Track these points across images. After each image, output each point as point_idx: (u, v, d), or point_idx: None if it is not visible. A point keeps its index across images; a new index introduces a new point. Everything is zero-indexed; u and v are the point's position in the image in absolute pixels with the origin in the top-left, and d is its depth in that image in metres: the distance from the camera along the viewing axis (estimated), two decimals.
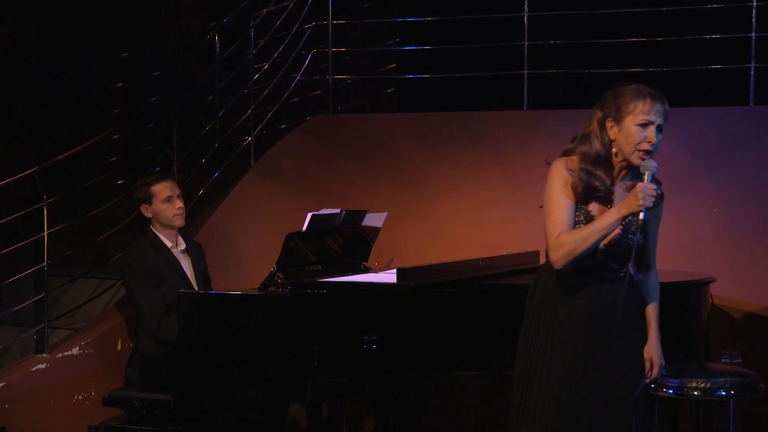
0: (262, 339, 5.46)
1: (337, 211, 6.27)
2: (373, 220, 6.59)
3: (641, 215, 4.32)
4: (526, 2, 7.88)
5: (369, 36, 9.29)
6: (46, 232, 6.70)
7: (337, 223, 6.27)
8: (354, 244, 6.53)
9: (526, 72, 7.84)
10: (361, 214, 6.51)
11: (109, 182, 7.77)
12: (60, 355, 6.61)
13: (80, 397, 6.60)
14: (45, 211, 6.68)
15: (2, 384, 6.39)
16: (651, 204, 4.31)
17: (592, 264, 4.48)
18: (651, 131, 4.44)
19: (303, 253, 6.10)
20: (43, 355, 6.60)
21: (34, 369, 6.53)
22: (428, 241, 7.39)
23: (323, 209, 6.24)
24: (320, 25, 8.35)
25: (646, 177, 4.37)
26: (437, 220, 7.49)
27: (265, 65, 8.26)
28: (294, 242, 5.93)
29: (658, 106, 4.49)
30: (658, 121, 4.47)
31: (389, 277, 5.70)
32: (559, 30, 8.15)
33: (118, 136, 8.15)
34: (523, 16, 7.88)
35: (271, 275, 5.79)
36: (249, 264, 7.01)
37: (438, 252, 7.17)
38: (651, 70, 7.83)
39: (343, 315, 5.45)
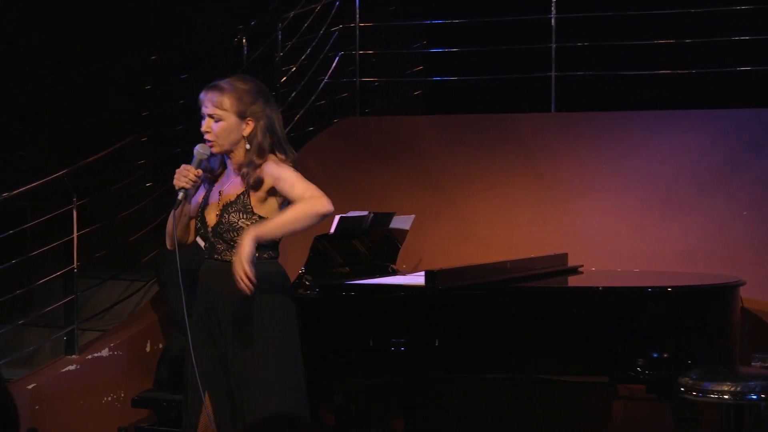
0: None
1: (365, 213, 6.27)
2: (401, 222, 6.59)
3: (179, 195, 4.50)
4: (553, 4, 7.86)
5: (396, 38, 9.29)
6: (75, 235, 6.74)
7: (365, 225, 6.27)
8: (382, 246, 6.53)
9: (553, 74, 7.82)
10: (389, 216, 6.52)
11: (138, 184, 7.80)
12: (90, 356, 6.65)
13: (110, 398, 6.63)
14: (75, 213, 6.72)
15: (33, 385, 6.43)
16: (183, 184, 4.51)
17: (209, 246, 4.65)
18: (204, 122, 4.60)
19: (331, 256, 6.10)
20: (73, 356, 6.64)
21: (64, 370, 6.57)
22: (456, 244, 7.39)
23: (351, 212, 6.25)
24: (347, 27, 8.35)
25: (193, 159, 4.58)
26: (465, 222, 7.49)
27: (292, 68, 8.27)
28: (322, 244, 5.94)
29: (201, 96, 4.63)
30: (204, 110, 4.60)
31: (417, 279, 5.70)
32: (586, 32, 8.13)
33: (146, 138, 8.18)
34: (551, 17, 7.87)
35: (300, 277, 5.80)
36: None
37: (466, 254, 7.17)
38: (679, 71, 7.80)
39: (372, 317, 5.45)
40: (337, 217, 6.04)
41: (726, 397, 5.11)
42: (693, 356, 5.38)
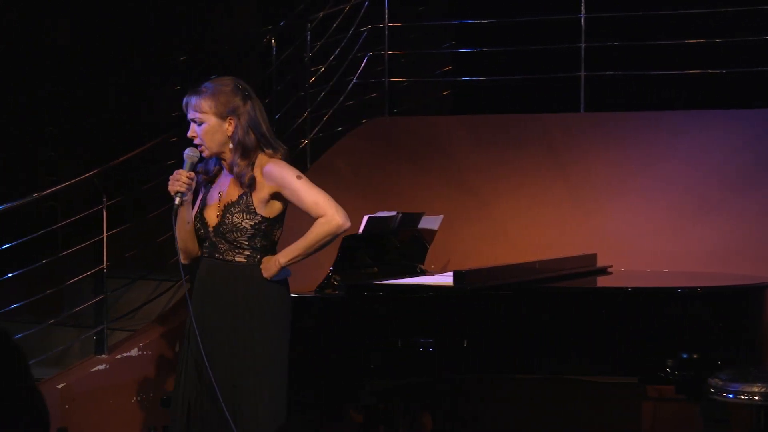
0: (318, 341, 5.47)
1: (394, 213, 6.27)
2: (430, 222, 6.58)
3: (176, 200, 4.59)
4: (582, 4, 7.84)
5: (425, 38, 9.28)
6: (105, 234, 6.76)
7: (393, 225, 6.27)
8: (410, 246, 6.52)
9: (583, 74, 7.80)
10: (418, 216, 6.51)
11: (167, 185, 7.81)
12: (119, 356, 6.67)
13: (139, 398, 6.65)
14: (104, 213, 6.74)
15: (63, 384, 6.45)
16: (178, 188, 4.60)
17: (210, 245, 4.72)
18: (190, 128, 4.70)
19: (359, 256, 6.10)
20: (103, 356, 6.67)
21: (93, 370, 6.60)
22: (485, 244, 7.38)
23: (380, 212, 6.25)
24: (376, 28, 8.35)
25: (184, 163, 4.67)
26: (494, 222, 7.47)
27: (321, 68, 8.28)
28: (350, 245, 5.94)
29: (183, 102, 4.73)
30: (188, 116, 4.70)
31: (446, 279, 5.70)
32: (616, 31, 8.10)
33: (176, 138, 8.20)
34: (580, 17, 7.84)
35: (328, 277, 5.80)
36: (306, 266, 7.01)
37: (495, 254, 7.15)
38: (709, 71, 7.76)
39: (400, 317, 5.45)
40: (365, 218, 6.04)
41: (756, 398, 5.08)
42: (723, 357, 5.35)
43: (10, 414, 2.64)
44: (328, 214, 4.58)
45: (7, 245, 6.77)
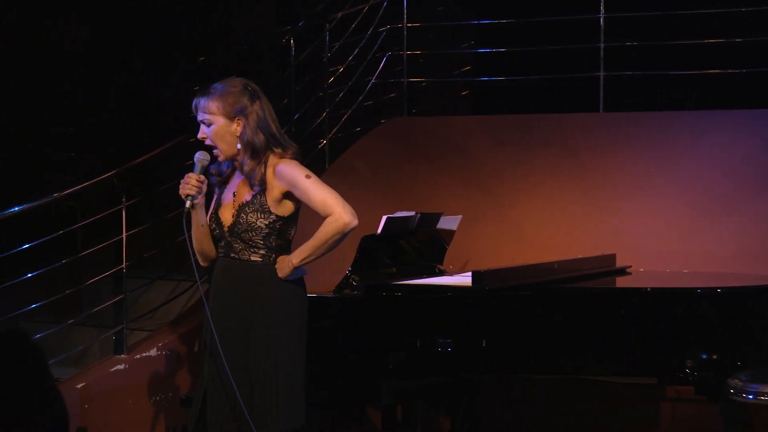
0: (337, 341, 5.48)
1: (412, 213, 6.27)
2: (448, 222, 6.58)
3: (186, 203, 4.63)
4: (602, 3, 7.82)
5: (443, 38, 9.28)
6: (124, 235, 6.78)
7: (412, 225, 6.27)
8: (429, 246, 6.52)
9: (602, 74, 7.79)
10: (436, 216, 6.51)
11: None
12: (138, 356, 6.69)
13: (158, 398, 6.67)
14: (124, 213, 6.76)
15: (82, 384, 6.47)
16: (188, 191, 4.63)
17: (225, 245, 4.75)
18: (200, 129, 4.73)
19: (378, 256, 6.10)
20: (122, 356, 6.68)
21: (113, 370, 6.62)
22: (503, 244, 7.37)
23: (398, 212, 6.24)
24: (395, 28, 8.35)
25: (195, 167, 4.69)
26: (512, 222, 7.47)
27: (339, 68, 8.28)
28: (369, 245, 5.94)
29: (192, 105, 4.74)
30: (197, 118, 4.73)
31: (464, 279, 5.69)
32: (635, 31, 8.08)
33: (194, 139, 8.21)
34: (600, 17, 7.83)
35: (347, 278, 5.80)
36: (324, 266, 7.01)
37: (513, 255, 7.15)
38: (729, 71, 7.74)
39: (418, 317, 5.45)
40: (384, 218, 6.04)
41: None
42: (743, 357, 5.33)
43: (31, 413, 2.65)
44: (336, 213, 4.59)
45: (26, 245, 6.79)
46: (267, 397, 4.61)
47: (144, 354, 6.70)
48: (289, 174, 4.64)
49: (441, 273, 6.45)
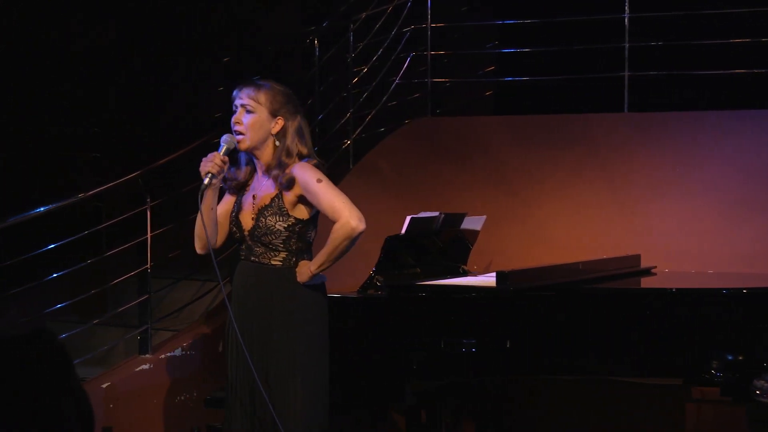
0: (361, 342, 5.48)
1: (436, 214, 6.26)
2: (472, 223, 6.57)
3: (204, 180, 4.63)
4: (626, 3, 7.80)
5: (467, 39, 9.27)
6: (149, 235, 6.80)
7: (436, 226, 6.26)
8: (453, 247, 6.51)
9: (626, 74, 7.76)
10: (460, 217, 6.50)
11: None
12: (163, 356, 6.70)
13: (183, 398, 6.68)
14: (149, 213, 6.78)
15: (107, 384, 6.49)
16: (210, 169, 4.63)
17: (246, 248, 4.79)
18: (236, 113, 4.74)
19: (402, 256, 6.10)
20: (147, 355, 6.70)
21: (137, 369, 6.63)
22: (527, 245, 7.36)
23: (422, 212, 6.24)
24: (419, 28, 8.34)
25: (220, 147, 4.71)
26: (537, 223, 7.45)
27: (363, 69, 8.28)
28: (393, 245, 5.94)
29: (235, 91, 4.79)
30: (238, 102, 4.75)
31: (488, 280, 5.68)
32: (660, 31, 8.05)
33: (217, 140, 8.22)
34: (624, 17, 7.81)
35: (370, 278, 5.80)
36: (348, 267, 7.03)
37: (537, 255, 7.13)
38: (755, 71, 7.70)
39: (442, 318, 5.44)
40: (408, 218, 6.04)
41: None
42: None
43: (57, 413, 2.66)
44: (343, 218, 4.59)
45: (52, 245, 6.82)
46: (287, 401, 4.61)
47: (169, 354, 6.71)
48: (302, 177, 4.65)
49: (465, 273, 6.44)
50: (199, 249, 4.88)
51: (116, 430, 6.27)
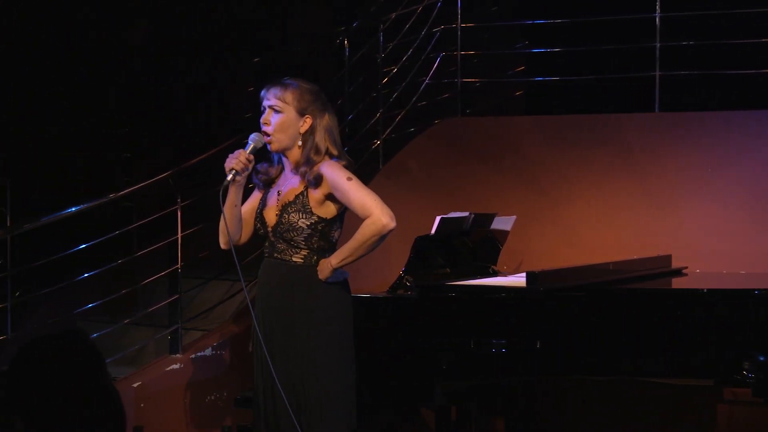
0: (390, 342, 5.48)
1: (466, 214, 6.26)
2: (502, 223, 6.56)
3: (228, 176, 4.66)
4: (658, 3, 7.77)
5: (498, 39, 9.25)
6: (179, 235, 6.82)
7: (465, 226, 6.25)
8: (483, 247, 6.51)
9: (658, 73, 7.73)
10: (490, 217, 6.49)
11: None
12: (193, 355, 6.72)
13: (213, 398, 6.70)
14: (179, 213, 6.80)
15: (138, 383, 6.52)
16: (234, 166, 4.65)
17: (269, 245, 4.80)
18: (264, 114, 4.76)
19: (432, 256, 6.10)
20: (177, 355, 6.72)
21: (168, 369, 6.66)
22: (558, 245, 7.34)
23: (452, 212, 6.23)
24: (449, 28, 8.34)
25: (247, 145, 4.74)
26: (567, 223, 7.43)
27: (393, 69, 8.28)
28: (423, 245, 5.94)
29: (263, 91, 4.79)
30: (266, 102, 4.76)
31: (518, 280, 5.67)
32: (692, 30, 8.01)
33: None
34: (656, 16, 7.77)
35: (400, 278, 5.80)
36: (378, 267, 7.05)
37: (568, 256, 7.11)
38: None
39: (472, 318, 5.43)
40: (438, 218, 6.03)
41: None
42: None
43: (89, 412, 2.67)
44: (374, 215, 4.59)
45: (83, 245, 6.85)
46: (309, 401, 4.61)
47: (199, 354, 6.73)
48: (331, 175, 4.65)
49: (495, 274, 6.43)
50: (223, 245, 4.91)
51: (147, 429, 6.29)
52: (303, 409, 4.60)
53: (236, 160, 4.67)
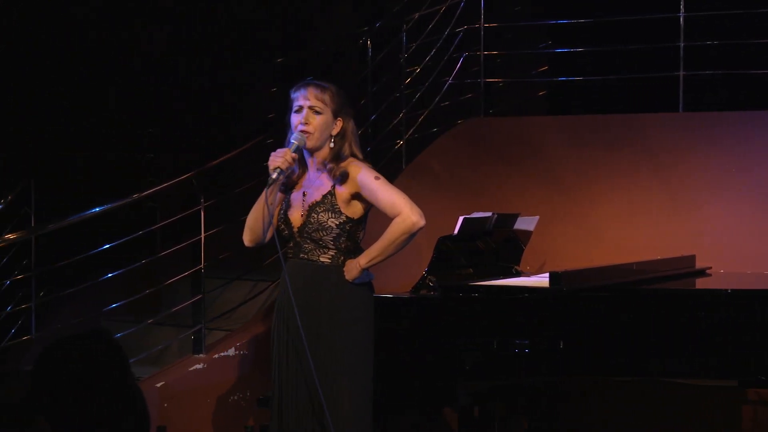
0: (413, 342, 5.47)
1: (489, 214, 6.25)
2: (525, 223, 6.55)
3: (273, 174, 4.67)
4: (682, 2, 7.74)
5: (521, 39, 9.24)
6: (203, 235, 6.83)
7: (488, 226, 6.25)
8: (506, 247, 6.50)
9: (681, 73, 7.70)
10: (513, 217, 6.48)
11: (263, 185, 7.86)
12: (216, 355, 6.73)
13: (236, 398, 6.71)
14: (202, 214, 6.81)
15: (161, 383, 6.54)
16: (279, 165, 4.66)
17: (294, 246, 4.82)
18: (303, 114, 4.78)
19: (455, 257, 6.09)
20: (200, 355, 6.74)
21: (191, 369, 6.67)
22: (581, 245, 7.32)
23: (475, 212, 6.23)
24: (472, 28, 8.32)
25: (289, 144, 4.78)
26: (590, 223, 7.41)
27: (416, 69, 8.28)
28: (446, 246, 5.93)
29: (301, 91, 4.82)
30: (305, 102, 4.78)
31: (541, 280, 5.66)
32: (716, 30, 7.98)
33: (272, 140, 8.26)
34: (680, 16, 7.74)
35: (423, 278, 5.80)
36: (401, 267, 7.04)
37: (591, 256, 7.09)
38: None
39: (495, 318, 5.43)
40: (460, 218, 6.03)
41: None
42: None
43: (113, 412, 2.68)
44: (404, 213, 4.62)
45: (107, 245, 6.87)
46: (336, 402, 4.62)
47: (222, 354, 6.74)
48: (359, 174, 4.69)
49: (518, 274, 6.42)
50: (248, 242, 4.94)
51: (170, 429, 6.30)
52: (328, 407, 4.61)
53: (281, 159, 4.70)
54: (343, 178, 4.69)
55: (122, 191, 7.09)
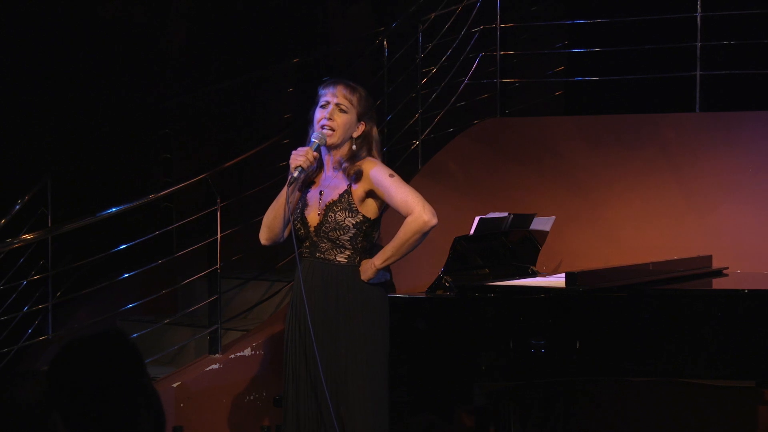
0: (429, 342, 5.47)
1: (505, 214, 6.25)
2: (541, 223, 6.54)
3: (294, 173, 4.71)
4: (699, 2, 7.72)
5: (537, 39, 9.22)
6: (219, 235, 6.84)
7: (504, 226, 6.24)
8: (522, 247, 6.49)
9: (698, 73, 7.68)
10: (529, 217, 6.47)
11: (280, 186, 7.87)
12: (232, 355, 6.74)
13: (252, 397, 6.72)
14: (218, 214, 6.82)
15: (178, 383, 6.55)
16: (300, 163, 4.69)
17: (311, 245, 4.82)
18: (328, 109, 4.79)
19: (471, 257, 6.09)
20: (217, 355, 6.74)
21: (207, 369, 6.68)
22: (597, 246, 7.31)
23: (491, 213, 6.23)
24: (488, 28, 8.32)
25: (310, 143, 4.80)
26: (606, 224, 7.40)
27: (432, 69, 8.27)
28: (462, 246, 5.93)
29: (330, 87, 4.82)
30: (332, 99, 4.79)
31: (558, 281, 5.66)
32: (733, 30, 7.95)
33: (288, 140, 8.27)
34: (696, 16, 7.72)
35: (439, 279, 5.80)
36: (417, 267, 7.05)
37: (607, 256, 7.08)
38: None
39: (511, 318, 5.42)
40: (476, 218, 6.03)
41: None
42: None
43: (129, 412, 2.69)
44: (416, 212, 4.63)
45: (123, 246, 6.89)
46: (356, 403, 4.63)
47: (238, 354, 6.75)
48: (373, 171, 4.70)
49: (534, 274, 6.41)
50: (265, 240, 4.95)
51: (186, 429, 6.32)
52: (343, 408, 4.61)
53: (303, 158, 4.72)
54: (357, 176, 4.70)
55: (139, 191, 7.10)
